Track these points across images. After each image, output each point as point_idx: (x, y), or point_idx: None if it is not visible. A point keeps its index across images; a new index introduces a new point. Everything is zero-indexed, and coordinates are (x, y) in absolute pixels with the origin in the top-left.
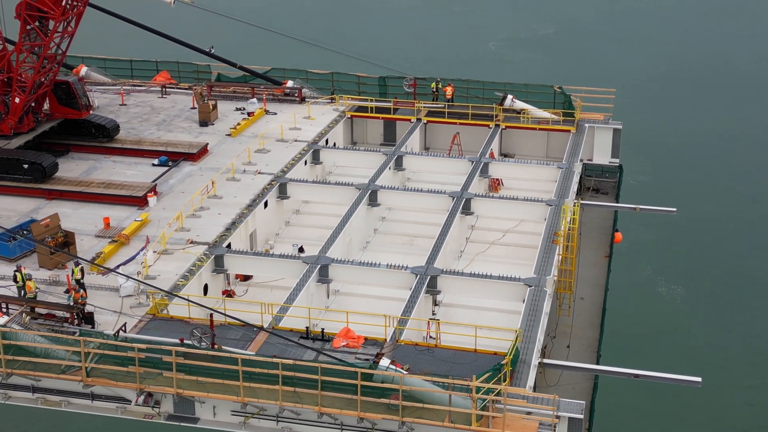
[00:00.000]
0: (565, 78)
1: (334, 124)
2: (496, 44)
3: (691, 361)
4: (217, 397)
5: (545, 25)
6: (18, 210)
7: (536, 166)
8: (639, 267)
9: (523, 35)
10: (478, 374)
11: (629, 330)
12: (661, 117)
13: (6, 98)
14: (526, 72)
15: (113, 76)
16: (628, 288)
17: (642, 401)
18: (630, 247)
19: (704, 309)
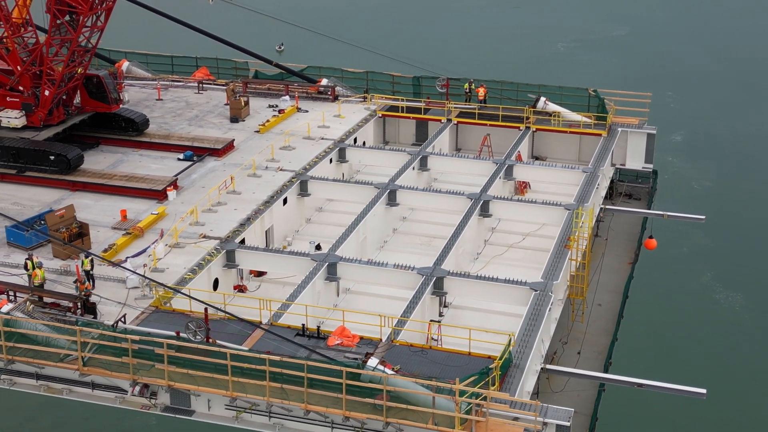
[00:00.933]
0: (630, 80)
1: (363, 123)
2: (565, 45)
3: (707, 373)
4: (207, 391)
5: (617, 27)
6: (42, 200)
7: (561, 169)
8: (665, 275)
9: (593, 36)
10: (464, 377)
11: (646, 339)
12: (732, 121)
13: (37, 91)
14: (593, 73)
15: (154, 72)
16: (652, 296)
17: (649, 411)
18: (658, 254)
19: (729, 319)
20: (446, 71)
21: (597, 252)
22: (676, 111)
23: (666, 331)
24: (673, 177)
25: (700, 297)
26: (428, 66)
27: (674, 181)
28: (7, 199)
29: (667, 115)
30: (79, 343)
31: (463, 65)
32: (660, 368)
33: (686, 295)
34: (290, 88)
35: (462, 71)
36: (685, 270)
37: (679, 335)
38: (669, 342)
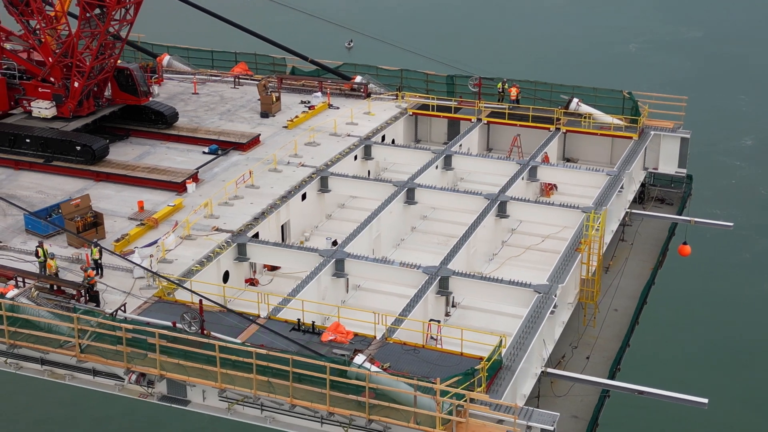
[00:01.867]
0: (701, 83)
1: (392, 121)
2: (637, 46)
3: (717, 383)
4: (197, 381)
5: (693, 28)
6: (65, 189)
7: (585, 171)
8: (691, 282)
9: (667, 38)
10: (447, 377)
11: (659, 347)
12: None
13: (67, 82)
14: (660, 75)
15: (194, 66)
16: (673, 303)
17: (654, 419)
18: (686, 261)
19: (749, 331)
20: (507, 72)
21: (620, 257)
22: (749, 115)
23: (681, 339)
24: (741, 182)
25: (722, 307)
26: (489, 66)
27: (735, 186)
28: (33, 187)
29: (737, 119)
30: (76, 330)
31: (527, 66)
32: (669, 376)
33: (708, 305)
34: (324, 84)
35: (524, 72)
36: (712, 278)
37: (694, 344)
38: (682, 351)
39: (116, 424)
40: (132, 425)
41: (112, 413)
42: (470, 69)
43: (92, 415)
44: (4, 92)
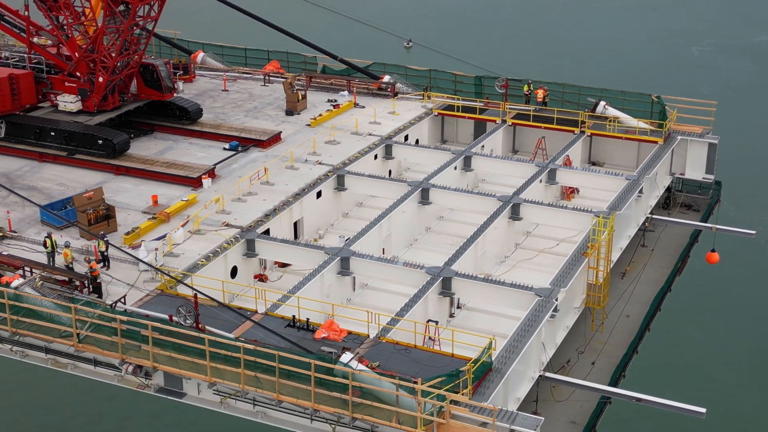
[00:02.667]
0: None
1: (416, 121)
2: (700, 49)
3: (722, 394)
4: (188, 374)
5: (760, 32)
6: (85, 182)
7: (604, 175)
8: (710, 290)
9: (731, 41)
10: (430, 377)
11: (668, 355)
12: None
13: (92, 77)
14: (719, 78)
15: (227, 63)
16: (689, 311)
17: (655, 427)
18: (707, 269)
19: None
20: (559, 74)
21: (639, 262)
22: None
23: (692, 348)
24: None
25: (739, 317)
26: (543, 70)
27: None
28: (54, 179)
29: None
30: (74, 320)
31: (582, 69)
32: (675, 385)
33: (725, 314)
34: (352, 83)
35: (577, 75)
36: (732, 287)
37: (705, 354)
38: (692, 360)
39: (118, 416)
40: (133, 417)
41: (114, 404)
42: (515, 72)
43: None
44: (32, 86)
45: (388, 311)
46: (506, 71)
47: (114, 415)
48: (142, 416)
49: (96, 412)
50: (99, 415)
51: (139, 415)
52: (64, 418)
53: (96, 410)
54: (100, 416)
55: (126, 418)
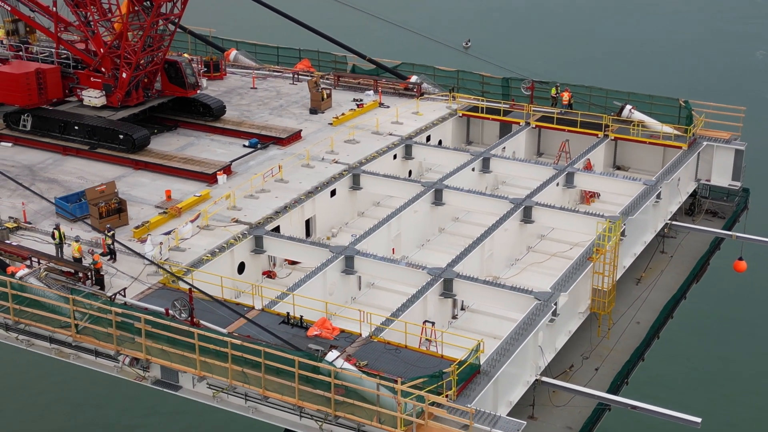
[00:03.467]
0: None
1: (439, 122)
2: (766, 53)
3: (724, 406)
4: (178, 368)
5: None
6: (104, 176)
7: (621, 180)
8: (728, 299)
9: None
10: (411, 377)
11: (675, 363)
12: None
13: (117, 73)
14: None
15: (259, 61)
16: (703, 319)
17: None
18: (729, 278)
19: None
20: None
21: (656, 269)
22: None
23: (700, 357)
24: None
25: (753, 328)
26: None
27: None
28: (75, 172)
29: None
30: (72, 311)
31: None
32: (677, 394)
33: (738, 324)
34: (378, 83)
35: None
36: (751, 297)
37: (714, 363)
38: (698, 370)
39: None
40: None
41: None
42: (554, 74)
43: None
44: (59, 81)
45: (391, 311)
46: (547, 74)
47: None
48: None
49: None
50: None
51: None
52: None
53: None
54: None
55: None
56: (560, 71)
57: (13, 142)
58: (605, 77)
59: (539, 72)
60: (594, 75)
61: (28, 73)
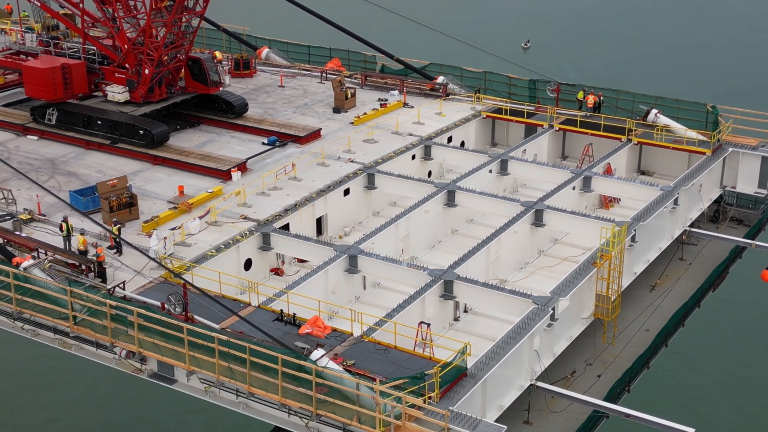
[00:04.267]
0: None
1: (461, 123)
2: None
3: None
4: (168, 361)
5: None
6: (123, 170)
7: (638, 185)
8: (743, 309)
9: None
10: (393, 378)
11: (681, 373)
12: None
13: (140, 69)
14: None
15: (291, 60)
16: (717, 329)
17: None
18: (746, 287)
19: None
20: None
21: (672, 276)
22: None
23: (708, 368)
24: None
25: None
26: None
27: None
28: (95, 166)
29: None
30: (69, 302)
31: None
32: (678, 404)
33: (754, 336)
34: (405, 83)
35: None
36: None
37: (720, 375)
38: (704, 380)
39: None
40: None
41: None
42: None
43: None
44: (84, 76)
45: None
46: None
47: None
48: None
49: None
50: None
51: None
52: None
53: None
54: None
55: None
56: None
57: (39, 136)
58: (647, 80)
59: (585, 74)
60: (639, 77)
61: (53, 68)
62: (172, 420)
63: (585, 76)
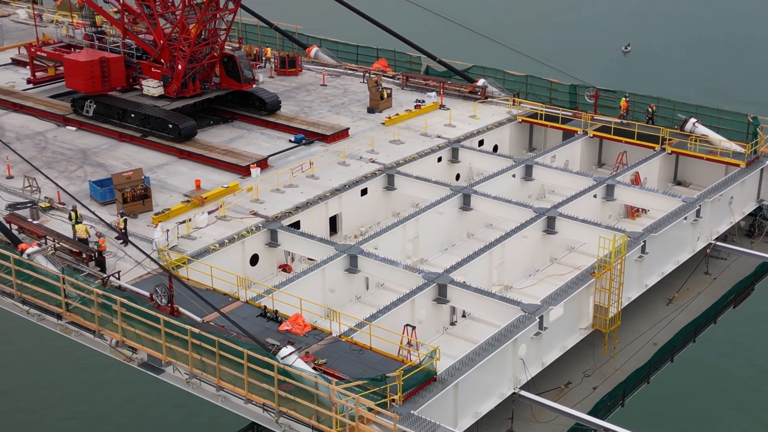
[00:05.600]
0: None
1: (494, 127)
2: None
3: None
4: (148, 351)
5: None
6: (149, 163)
7: (660, 195)
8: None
9: None
10: (350, 379)
11: (684, 390)
12: None
13: (174, 64)
14: None
15: (339, 59)
16: (732, 346)
17: None
18: None
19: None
20: None
21: (694, 290)
22: None
23: (712, 391)
24: None
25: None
26: None
27: None
28: (124, 158)
29: None
30: (62, 290)
31: None
32: (671, 426)
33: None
34: (444, 85)
35: None
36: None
37: (723, 400)
38: (704, 400)
39: None
40: None
41: None
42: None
43: None
44: (122, 70)
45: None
46: None
47: None
48: None
49: None
50: None
51: None
52: None
53: None
54: None
55: None
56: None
57: (77, 127)
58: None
59: (683, 80)
60: (741, 87)
61: (92, 61)
62: (159, 410)
63: (680, 82)
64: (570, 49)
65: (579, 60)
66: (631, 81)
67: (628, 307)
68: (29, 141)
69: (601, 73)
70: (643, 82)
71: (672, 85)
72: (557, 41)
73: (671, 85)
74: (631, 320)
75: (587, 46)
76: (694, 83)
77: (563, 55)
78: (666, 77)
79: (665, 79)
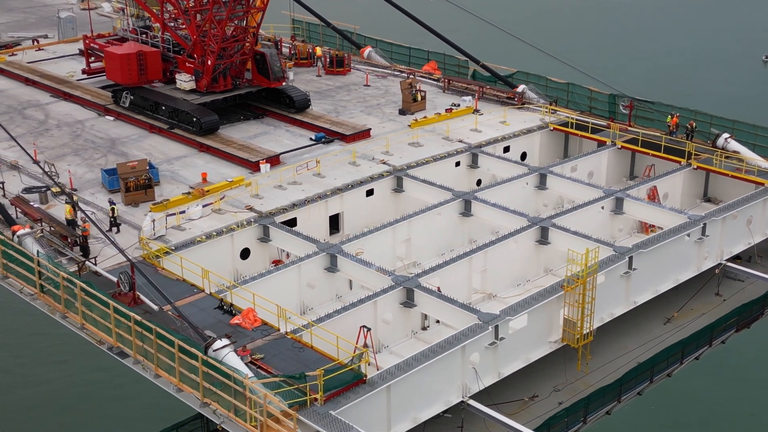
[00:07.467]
0: None
1: (521, 134)
2: None
3: None
4: (101, 335)
5: None
6: (169, 155)
7: (666, 211)
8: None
9: None
10: (263, 375)
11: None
12: None
13: (204, 60)
14: None
15: (391, 60)
16: (714, 372)
17: None
18: None
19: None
20: None
21: (697, 311)
22: None
23: (689, 417)
24: None
25: None
26: None
27: None
28: (148, 149)
29: None
30: (36, 271)
31: None
32: None
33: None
34: (482, 89)
35: None
36: None
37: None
38: None
39: None
40: None
41: None
42: None
43: None
44: (159, 63)
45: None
46: None
47: None
48: None
49: None
50: None
51: None
52: None
53: None
54: None
55: None
56: None
57: (115, 117)
58: None
59: None
60: None
61: (129, 54)
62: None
63: (722, 100)
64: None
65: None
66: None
67: (618, 324)
68: (67, 128)
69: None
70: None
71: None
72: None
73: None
74: (619, 337)
75: (722, 51)
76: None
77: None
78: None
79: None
